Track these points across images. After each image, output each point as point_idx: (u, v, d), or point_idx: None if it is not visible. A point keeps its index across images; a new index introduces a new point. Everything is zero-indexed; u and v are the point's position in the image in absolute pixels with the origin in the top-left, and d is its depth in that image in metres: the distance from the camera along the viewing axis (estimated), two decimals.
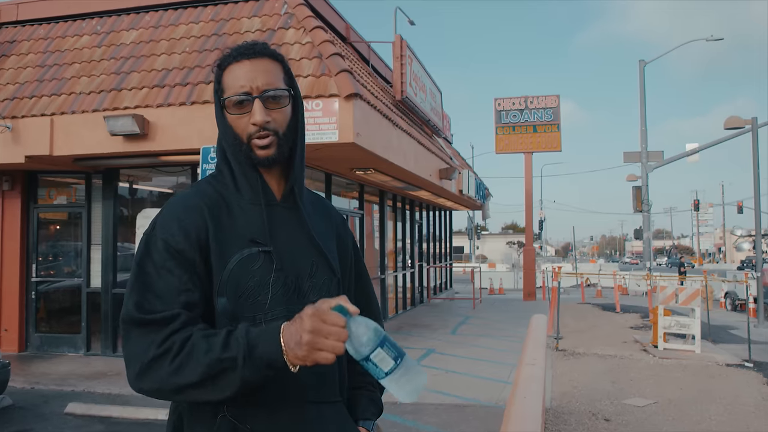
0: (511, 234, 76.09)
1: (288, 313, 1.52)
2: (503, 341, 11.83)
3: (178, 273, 1.48)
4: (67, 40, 10.68)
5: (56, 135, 9.05)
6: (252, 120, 1.57)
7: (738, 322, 16.38)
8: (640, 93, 21.69)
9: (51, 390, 8.06)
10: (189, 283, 1.48)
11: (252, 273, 1.53)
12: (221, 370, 1.35)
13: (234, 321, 1.48)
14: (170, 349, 1.38)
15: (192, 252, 1.50)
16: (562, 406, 7.44)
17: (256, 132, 1.57)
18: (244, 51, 1.61)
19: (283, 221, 1.63)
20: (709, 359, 10.56)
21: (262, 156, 1.58)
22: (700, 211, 68.63)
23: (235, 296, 1.50)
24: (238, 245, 1.54)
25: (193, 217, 1.54)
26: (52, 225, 11.25)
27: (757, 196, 17.61)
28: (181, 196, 1.63)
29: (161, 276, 1.47)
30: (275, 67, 1.63)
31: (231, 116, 1.60)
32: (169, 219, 1.54)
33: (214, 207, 1.58)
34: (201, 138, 8.19)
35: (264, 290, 1.53)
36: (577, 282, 28.00)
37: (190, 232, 1.51)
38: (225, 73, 1.62)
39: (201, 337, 1.39)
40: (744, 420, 7.00)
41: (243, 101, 1.57)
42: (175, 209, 1.57)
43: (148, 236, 1.54)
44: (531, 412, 3.10)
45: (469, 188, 18.22)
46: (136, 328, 1.43)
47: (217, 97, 1.64)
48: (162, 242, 1.50)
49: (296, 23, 9.46)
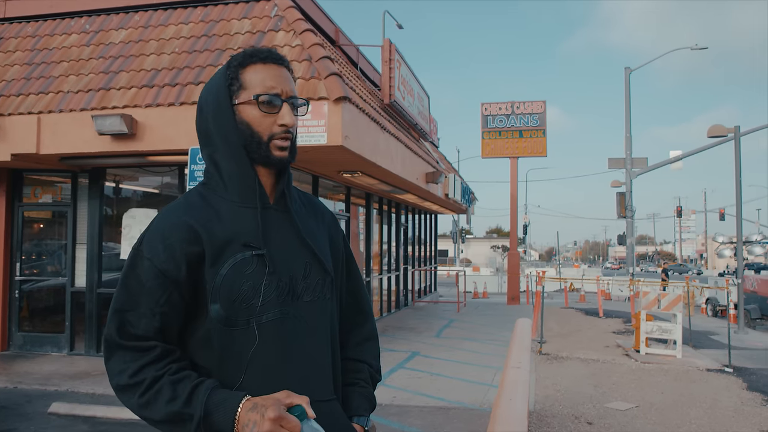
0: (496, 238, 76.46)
1: (281, 316, 1.57)
2: (487, 345, 11.90)
3: (158, 294, 1.54)
4: (55, 39, 10.63)
5: (43, 133, 9.02)
6: (281, 121, 1.62)
7: (719, 327, 16.58)
8: (626, 100, 21.91)
9: (34, 390, 8.01)
10: (167, 305, 1.54)
11: (245, 277, 1.55)
12: (180, 420, 1.45)
13: (228, 326, 1.53)
14: (140, 383, 1.48)
15: (176, 271, 1.54)
16: (545, 409, 7.51)
17: (280, 133, 1.63)
18: (273, 55, 1.67)
19: (276, 224, 1.65)
20: (690, 364, 10.69)
21: (280, 156, 1.64)
22: (683, 218, 69.23)
23: (229, 301, 1.53)
24: (232, 250, 1.56)
25: (180, 233, 1.56)
26: (36, 224, 11.19)
27: (738, 204, 17.82)
28: (169, 210, 1.64)
29: (142, 294, 1.53)
30: (291, 79, 1.70)
31: (255, 111, 1.62)
32: (156, 236, 1.58)
33: (205, 216, 1.59)
34: (189, 139, 8.20)
35: (256, 294, 1.55)
36: (560, 286, 28.18)
37: (176, 250, 1.55)
38: (247, 71, 1.65)
39: (169, 383, 1.47)
40: (723, 424, 7.10)
41: (273, 102, 1.62)
42: (162, 225, 1.60)
43: (135, 251, 1.59)
44: (517, 414, 3.15)
45: (455, 192, 18.31)
46: (116, 350, 1.53)
47: (227, 93, 1.65)
48: (147, 261, 1.55)
49: (286, 26, 9.49)
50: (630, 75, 22.01)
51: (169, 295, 1.54)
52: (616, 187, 23.51)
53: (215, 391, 1.45)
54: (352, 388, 1.78)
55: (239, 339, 1.54)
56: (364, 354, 1.86)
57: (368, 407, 1.79)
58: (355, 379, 1.80)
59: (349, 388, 1.78)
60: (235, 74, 1.66)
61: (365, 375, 1.83)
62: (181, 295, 1.55)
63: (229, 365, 1.54)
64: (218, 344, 1.54)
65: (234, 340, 1.54)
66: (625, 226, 22.33)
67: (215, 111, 1.65)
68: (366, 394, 1.81)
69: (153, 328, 1.52)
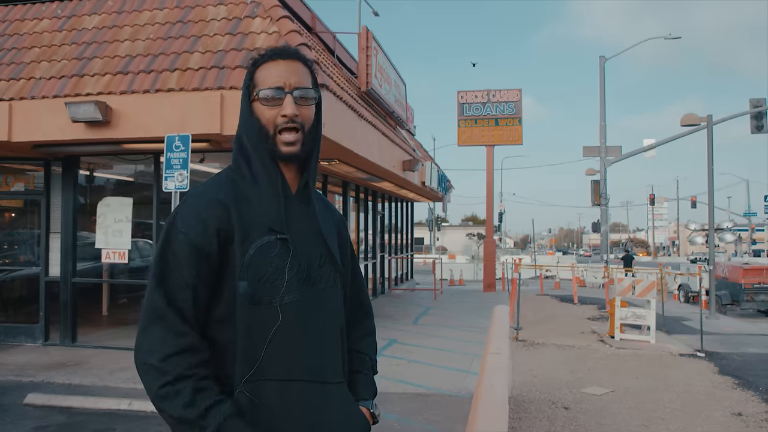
0: (471, 226, 76.68)
1: (300, 298, 1.68)
2: (464, 332, 11.98)
3: (192, 267, 1.63)
4: (26, 24, 10.42)
5: (15, 120, 8.84)
6: (282, 111, 1.70)
7: (691, 313, 16.88)
8: (600, 88, 22.06)
9: (8, 381, 7.91)
10: (197, 279, 1.63)
11: (270, 259, 1.65)
12: (188, 427, 1.54)
13: (253, 304, 1.62)
14: (166, 373, 1.55)
15: (209, 245, 1.64)
16: (522, 395, 7.60)
17: (284, 123, 1.70)
18: (280, 52, 1.76)
19: (297, 213, 1.75)
20: (663, 349, 10.87)
21: (287, 152, 1.71)
22: (656, 206, 70.13)
23: (255, 280, 1.63)
24: (258, 233, 1.67)
25: (213, 209, 1.66)
26: (8, 212, 11.02)
27: (710, 192, 18.09)
28: (203, 187, 1.75)
29: (179, 267, 1.63)
30: (305, 71, 1.77)
31: (262, 107, 1.72)
32: (190, 212, 1.68)
33: (235, 197, 1.70)
34: (165, 126, 8.11)
35: (281, 275, 1.65)
36: (535, 274, 28.43)
37: (209, 225, 1.65)
38: (258, 71, 1.76)
39: (191, 389, 1.54)
40: (696, 407, 7.25)
41: (276, 95, 1.71)
42: (197, 202, 1.70)
43: (169, 226, 1.69)
44: (498, 399, 3.19)
45: (432, 180, 18.36)
46: (156, 322, 1.60)
47: (246, 92, 1.76)
48: (182, 235, 1.65)
49: (263, 12, 9.40)
50: (605, 64, 22.16)
51: (200, 269, 1.63)
52: (591, 175, 23.70)
53: (230, 420, 1.55)
54: (357, 375, 1.92)
55: (262, 317, 1.63)
56: (366, 348, 2.01)
57: (372, 393, 1.93)
58: (359, 368, 1.94)
59: (355, 374, 1.91)
60: (251, 74, 1.77)
61: (368, 365, 1.98)
62: (211, 270, 1.65)
63: (249, 342, 1.62)
64: (242, 321, 1.62)
65: (257, 318, 1.63)
66: (600, 213, 22.56)
67: (242, 110, 1.78)
68: (370, 380, 1.95)
69: (190, 298, 1.61)
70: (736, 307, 18.04)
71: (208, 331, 1.66)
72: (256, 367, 1.61)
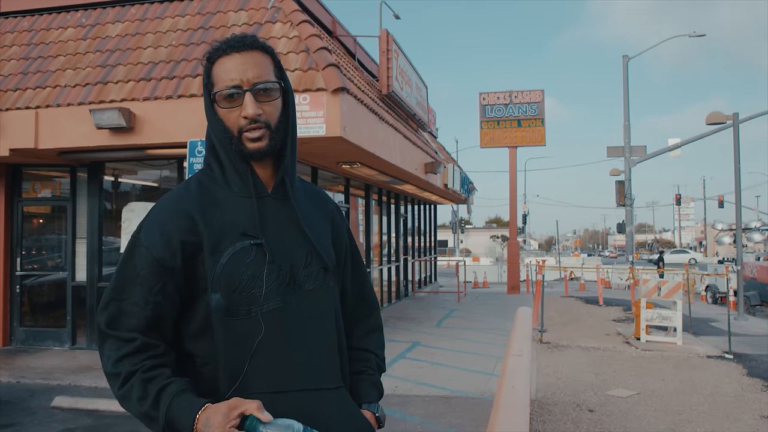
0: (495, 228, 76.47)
1: (284, 304, 1.57)
2: (488, 334, 11.92)
3: (152, 282, 1.54)
4: (51, 33, 10.60)
5: (41, 128, 9.00)
6: (243, 113, 1.57)
7: (718, 314, 16.62)
8: (624, 88, 21.88)
9: (37, 384, 8.04)
10: (160, 294, 1.55)
11: (245, 266, 1.55)
12: (150, 420, 1.49)
13: (229, 316, 1.53)
14: (118, 375, 1.51)
15: (172, 260, 1.55)
16: (546, 397, 7.54)
17: (247, 125, 1.58)
18: (234, 44, 1.61)
19: (275, 213, 1.64)
20: (690, 351, 10.71)
21: (253, 148, 1.59)
22: (682, 206, 69.39)
23: (229, 290, 1.53)
24: (231, 239, 1.56)
25: (178, 221, 1.57)
26: (36, 218, 11.18)
27: (737, 191, 17.82)
28: (168, 198, 1.65)
29: (137, 283, 1.55)
30: (265, 60, 1.63)
31: (222, 110, 1.60)
32: (153, 225, 1.59)
33: (204, 203, 1.59)
34: (188, 131, 8.18)
35: (258, 283, 1.54)
36: (560, 275, 28.21)
37: (173, 238, 1.55)
38: (214, 66, 1.62)
39: (140, 381, 1.49)
40: (724, 410, 7.13)
41: (234, 94, 1.58)
42: (160, 214, 1.61)
43: (133, 239, 1.60)
44: (519, 401, 3.16)
45: (454, 182, 18.31)
46: (104, 338, 1.56)
47: (206, 91, 1.64)
48: (144, 249, 1.56)
49: (283, 17, 9.46)
50: (628, 63, 21.97)
51: (164, 283, 1.55)
52: (615, 175, 23.53)
53: (177, 398, 1.46)
54: (360, 376, 1.79)
55: (240, 328, 1.53)
56: (370, 344, 1.87)
57: (377, 394, 1.81)
58: (363, 367, 1.81)
59: (358, 376, 1.79)
60: (207, 71, 1.64)
61: (372, 363, 1.84)
62: (177, 284, 1.56)
63: (231, 355, 1.53)
64: (219, 334, 1.53)
65: (235, 330, 1.53)
66: (625, 214, 22.35)
67: (205, 108, 1.66)
68: (374, 381, 1.82)
69: (144, 317, 1.53)
70: (765, 308, 17.73)
71: (183, 346, 1.59)
72: (239, 381, 1.52)
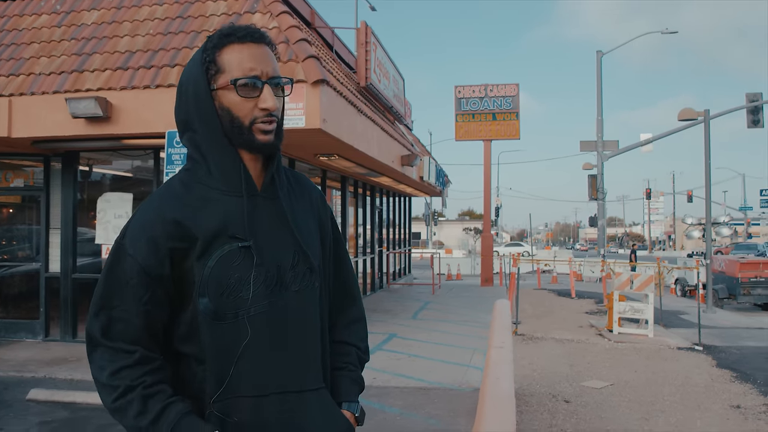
0: (468, 220, 76.87)
1: (270, 307, 1.55)
2: (463, 326, 12.02)
3: (141, 291, 1.53)
4: (24, 19, 10.39)
5: (15, 116, 8.84)
6: (263, 105, 1.55)
7: (687, 307, 16.96)
8: (597, 83, 22.11)
9: (10, 377, 7.93)
10: (150, 303, 1.54)
11: (233, 269, 1.53)
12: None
13: (217, 320, 1.52)
14: (116, 388, 1.49)
15: (159, 267, 1.53)
16: (523, 389, 7.65)
17: (263, 116, 1.55)
18: (251, 33, 1.58)
19: (265, 212, 1.61)
20: (661, 343, 10.94)
21: (264, 141, 1.56)
22: (652, 200, 70.30)
23: (217, 294, 1.51)
24: (219, 242, 1.53)
25: (165, 227, 1.53)
26: (7, 208, 11.01)
27: (707, 186, 18.16)
28: (152, 201, 1.60)
29: (125, 293, 1.53)
30: (273, 56, 1.61)
31: (234, 97, 1.55)
32: (139, 231, 1.55)
33: (190, 206, 1.56)
34: (166, 121, 8.10)
35: (245, 286, 1.53)
36: (533, 268, 28.50)
37: (159, 246, 1.53)
38: (223, 53, 1.57)
39: (140, 397, 1.48)
40: (695, 400, 7.31)
41: (254, 84, 1.55)
42: (145, 219, 1.57)
43: (118, 245, 1.57)
44: (504, 392, 3.22)
45: (430, 175, 18.39)
46: (97, 347, 1.54)
47: (205, 78, 1.58)
48: (130, 258, 1.53)
49: (263, 7, 9.40)
50: (602, 58, 22.20)
51: (153, 292, 1.53)
52: (588, 169, 23.78)
53: (184, 419, 1.48)
54: (340, 372, 1.77)
55: (228, 332, 1.52)
56: (351, 336, 1.84)
57: (357, 391, 1.79)
58: (344, 363, 1.79)
59: (338, 372, 1.77)
60: (211, 57, 1.59)
61: (353, 358, 1.82)
62: (166, 291, 1.55)
63: (218, 357, 1.52)
64: (207, 337, 1.53)
65: (223, 333, 1.52)
66: (597, 208, 22.63)
67: (195, 97, 1.58)
68: (354, 377, 1.80)
69: (136, 326, 1.52)
70: (733, 300, 18.12)
71: (172, 348, 1.59)
72: (225, 384, 1.51)
